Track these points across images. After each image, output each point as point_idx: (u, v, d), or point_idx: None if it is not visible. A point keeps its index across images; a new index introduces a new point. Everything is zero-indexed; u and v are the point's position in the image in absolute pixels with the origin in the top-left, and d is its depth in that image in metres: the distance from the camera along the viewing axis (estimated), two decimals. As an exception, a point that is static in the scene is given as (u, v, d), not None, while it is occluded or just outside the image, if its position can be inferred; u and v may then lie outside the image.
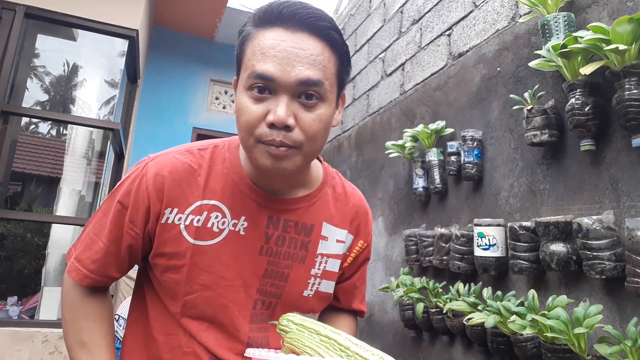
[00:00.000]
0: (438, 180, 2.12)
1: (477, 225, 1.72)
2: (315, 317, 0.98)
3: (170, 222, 0.86)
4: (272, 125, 0.77)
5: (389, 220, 2.63)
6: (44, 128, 9.38)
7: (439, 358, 2.04)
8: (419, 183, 2.25)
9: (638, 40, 1.23)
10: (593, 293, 1.37)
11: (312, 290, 0.95)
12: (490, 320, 1.43)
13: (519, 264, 1.53)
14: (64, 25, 3.66)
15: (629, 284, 1.18)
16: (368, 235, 1.05)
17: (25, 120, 7.23)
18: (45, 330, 3.03)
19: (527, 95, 1.59)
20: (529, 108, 1.56)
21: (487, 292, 1.66)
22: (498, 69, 1.88)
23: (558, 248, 1.38)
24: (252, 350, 0.80)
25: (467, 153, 1.90)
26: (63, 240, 3.70)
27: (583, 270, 1.33)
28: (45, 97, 7.47)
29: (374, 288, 2.68)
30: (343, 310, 1.08)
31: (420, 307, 1.92)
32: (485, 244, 1.68)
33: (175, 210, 0.87)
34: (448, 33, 2.28)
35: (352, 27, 3.62)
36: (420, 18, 2.56)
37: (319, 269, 0.95)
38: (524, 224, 1.53)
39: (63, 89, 6.80)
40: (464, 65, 2.11)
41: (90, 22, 3.50)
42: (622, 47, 1.20)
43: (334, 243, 0.97)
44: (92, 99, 4.53)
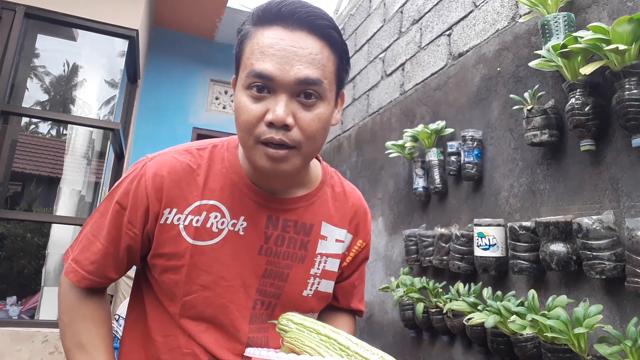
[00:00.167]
0: (438, 180, 2.12)
1: (477, 225, 1.72)
2: (315, 316, 0.98)
3: (169, 222, 0.86)
4: (271, 125, 0.76)
5: (389, 220, 2.63)
6: (44, 128, 9.38)
7: (439, 358, 2.04)
8: (419, 183, 2.25)
9: (638, 40, 1.23)
10: (593, 293, 1.37)
11: (311, 290, 0.94)
12: (490, 320, 1.43)
13: (519, 264, 1.53)
14: (64, 25, 3.66)
15: (629, 284, 1.18)
16: (367, 235, 1.05)
17: (25, 120, 7.23)
18: (45, 330, 3.03)
19: (527, 95, 1.59)
20: (529, 108, 1.56)
21: (487, 292, 1.66)
22: (498, 69, 1.88)
23: (558, 248, 1.38)
24: (251, 350, 0.80)
25: (467, 153, 1.90)
26: (63, 240, 3.70)
27: (583, 270, 1.33)
28: (45, 97, 7.46)
29: (374, 288, 2.67)
30: (342, 310, 1.08)
31: (420, 307, 1.92)
32: (485, 244, 1.68)
33: (174, 211, 0.86)
34: (448, 33, 2.28)
35: (352, 27, 3.62)
36: (420, 18, 2.56)
37: (319, 269, 0.95)
38: (524, 224, 1.53)
39: (63, 89, 6.80)
40: (464, 65, 2.11)
41: (90, 22, 3.50)
42: (622, 47, 1.20)
43: (333, 242, 0.97)
44: (92, 99, 4.53)
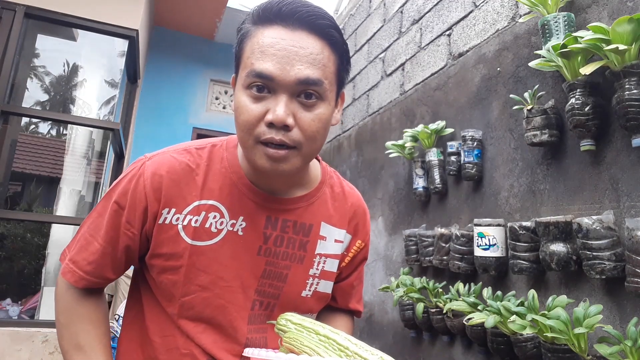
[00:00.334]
0: (438, 180, 2.12)
1: (477, 225, 1.72)
2: (313, 317, 0.97)
3: (168, 222, 0.85)
4: (271, 125, 0.76)
5: (389, 220, 2.63)
6: (44, 128, 9.37)
7: (439, 358, 2.04)
8: (419, 183, 2.25)
9: (638, 40, 1.23)
10: (593, 293, 1.37)
11: (310, 291, 0.94)
12: (490, 320, 1.43)
13: (519, 264, 1.53)
14: (64, 25, 3.66)
15: (629, 284, 1.18)
16: (366, 235, 1.05)
17: (25, 120, 7.22)
18: (45, 330, 3.03)
19: (527, 95, 1.59)
20: (529, 108, 1.56)
21: (487, 292, 1.66)
22: (498, 69, 1.88)
23: (558, 248, 1.38)
24: (250, 350, 0.79)
25: (467, 153, 1.90)
26: (63, 240, 3.70)
27: (583, 270, 1.33)
28: (45, 97, 7.46)
29: (374, 288, 2.67)
30: (340, 310, 1.08)
31: (420, 307, 1.92)
32: (485, 244, 1.68)
33: (173, 211, 0.85)
34: (448, 33, 2.28)
35: (352, 27, 3.61)
36: (420, 18, 2.55)
37: (318, 269, 0.95)
38: (524, 224, 1.53)
39: (63, 89, 6.79)
40: (464, 65, 2.11)
41: (90, 22, 3.50)
42: (622, 47, 1.20)
43: (332, 243, 0.97)
44: (92, 99, 4.53)
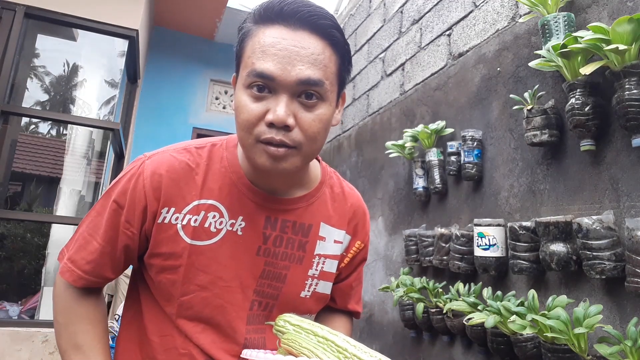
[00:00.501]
0: (438, 180, 2.12)
1: (477, 225, 1.71)
2: (312, 317, 0.97)
3: (167, 221, 0.85)
4: (271, 125, 0.76)
5: (389, 220, 2.63)
6: (44, 128, 9.36)
7: (439, 358, 2.04)
8: (419, 183, 2.25)
9: (638, 40, 1.23)
10: (593, 293, 1.36)
11: (309, 291, 0.94)
12: (490, 320, 1.42)
13: (519, 264, 1.53)
14: (64, 25, 3.66)
15: (629, 284, 1.18)
16: (365, 236, 1.04)
17: (25, 120, 7.21)
18: (45, 330, 3.03)
19: (527, 95, 1.59)
20: (529, 108, 1.56)
21: (487, 292, 1.66)
22: (498, 69, 1.88)
23: (558, 248, 1.38)
24: (248, 352, 0.79)
25: (467, 153, 1.90)
26: (63, 240, 3.68)
27: (583, 270, 1.33)
28: (45, 97, 7.45)
29: (374, 288, 2.67)
30: (339, 311, 1.08)
31: (420, 307, 1.92)
32: (485, 244, 1.68)
33: (172, 210, 0.85)
34: (448, 33, 2.28)
35: (352, 27, 3.61)
36: (420, 18, 2.55)
37: (317, 270, 0.94)
38: (524, 224, 1.53)
39: (63, 89, 6.79)
40: (464, 65, 2.11)
41: (90, 22, 3.50)
42: (622, 47, 1.20)
43: (332, 243, 0.97)
44: (92, 99, 4.53)
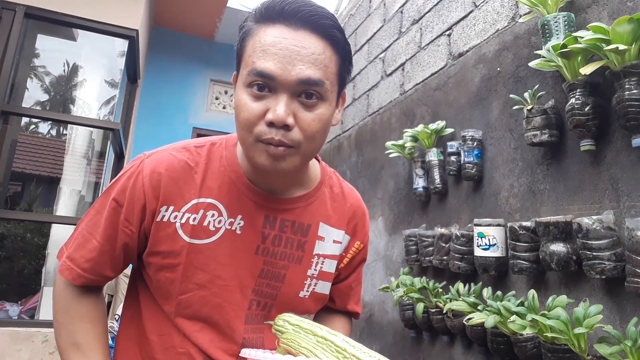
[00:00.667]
0: (438, 180, 2.12)
1: (477, 225, 1.71)
2: (311, 318, 0.97)
3: (166, 220, 0.85)
4: (271, 124, 0.76)
5: (389, 220, 2.63)
6: (44, 128, 9.36)
7: (439, 358, 2.04)
8: (419, 183, 2.25)
9: (638, 40, 1.22)
10: (593, 293, 1.36)
11: (308, 291, 0.94)
12: (490, 320, 1.42)
13: (519, 264, 1.53)
14: (64, 25, 3.66)
15: (629, 284, 1.18)
16: (365, 236, 1.04)
17: (25, 120, 7.22)
18: (45, 330, 3.03)
19: (527, 95, 1.59)
20: (529, 108, 1.56)
21: (487, 292, 1.66)
22: (498, 69, 1.88)
23: (558, 248, 1.38)
24: (247, 351, 0.79)
25: (467, 153, 1.90)
26: (63, 240, 3.66)
27: (583, 270, 1.33)
28: (45, 97, 7.45)
29: (374, 288, 2.67)
30: (338, 312, 1.07)
31: (420, 307, 1.92)
32: (485, 244, 1.68)
33: (171, 209, 0.85)
34: (448, 33, 2.28)
35: (352, 27, 3.61)
36: (420, 18, 2.55)
37: (316, 270, 0.94)
38: (524, 224, 1.53)
39: (63, 89, 6.79)
40: (464, 65, 2.11)
41: (90, 22, 3.50)
42: (622, 47, 1.20)
43: (331, 243, 0.96)
44: (92, 99, 4.53)
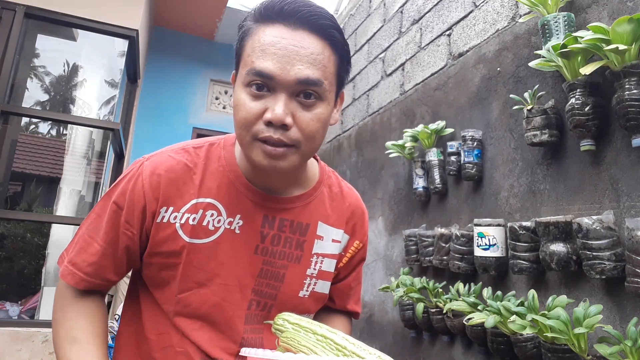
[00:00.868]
0: (438, 180, 2.12)
1: (477, 225, 1.71)
2: (311, 317, 0.97)
3: (166, 221, 0.85)
4: (269, 123, 0.76)
5: (389, 220, 2.63)
6: (44, 128, 9.35)
7: (439, 358, 2.04)
8: (419, 183, 2.25)
9: (638, 40, 1.23)
10: (593, 293, 1.36)
11: (307, 291, 0.94)
12: (490, 320, 1.42)
13: (519, 264, 1.53)
14: (64, 25, 3.66)
15: (629, 284, 1.18)
16: (364, 236, 1.04)
17: (25, 120, 7.22)
18: (45, 330, 3.03)
19: (527, 95, 1.59)
20: (529, 108, 1.56)
21: (487, 292, 1.66)
22: (498, 69, 1.88)
23: (558, 248, 1.38)
24: (247, 350, 0.79)
25: (467, 153, 1.90)
26: (63, 240, 3.70)
27: (583, 270, 1.33)
28: (45, 97, 7.45)
29: (374, 288, 2.67)
30: (337, 311, 1.07)
31: (420, 307, 1.92)
32: (485, 244, 1.68)
33: (171, 209, 0.86)
34: (448, 33, 2.28)
35: (352, 27, 3.61)
36: (420, 18, 2.55)
37: (315, 269, 0.94)
38: (524, 224, 1.53)
39: (63, 89, 6.79)
40: (464, 65, 2.11)
41: (90, 22, 3.50)
42: (622, 47, 1.20)
43: (330, 243, 0.97)
44: (92, 99, 4.53)
